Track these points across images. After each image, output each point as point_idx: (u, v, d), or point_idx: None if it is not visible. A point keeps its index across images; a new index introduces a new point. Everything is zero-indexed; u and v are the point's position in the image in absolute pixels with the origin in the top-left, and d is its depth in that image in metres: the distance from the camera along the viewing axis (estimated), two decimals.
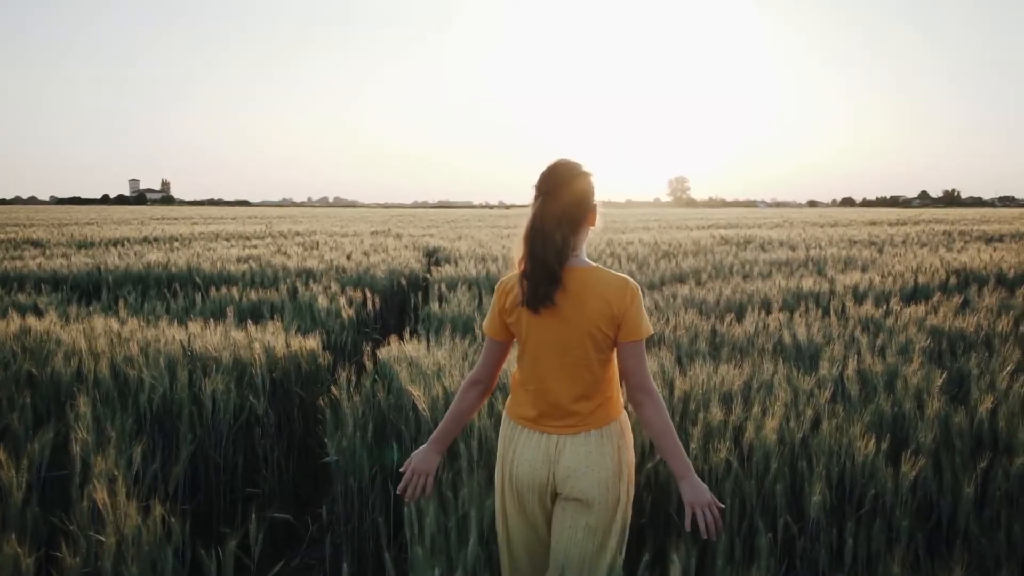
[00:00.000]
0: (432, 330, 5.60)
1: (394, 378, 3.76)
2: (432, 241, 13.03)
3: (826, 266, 8.19)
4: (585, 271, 2.14)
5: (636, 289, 2.15)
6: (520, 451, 2.21)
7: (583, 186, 2.13)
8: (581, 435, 2.16)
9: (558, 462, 2.15)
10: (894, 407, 3.21)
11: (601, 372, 2.17)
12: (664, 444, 2.16)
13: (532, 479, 2.19)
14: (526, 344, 2.20)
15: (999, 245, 10.94)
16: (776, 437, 2.81)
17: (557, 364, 2.15)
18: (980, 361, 3.75)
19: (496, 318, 2.28)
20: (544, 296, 2.08)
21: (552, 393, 2.16)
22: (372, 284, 7.58)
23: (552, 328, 2.13)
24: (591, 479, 2.13)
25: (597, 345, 2.13)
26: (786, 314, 5.16)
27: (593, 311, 2.10)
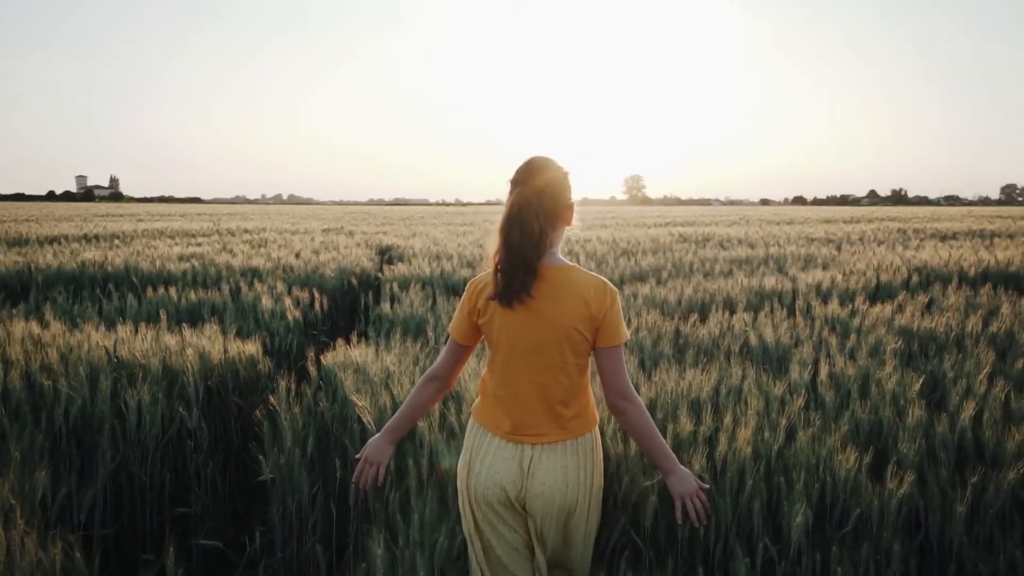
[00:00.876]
0: (382, 332, 5.31)
1: (339, 386, 3.48)
2: (385, 239, 12.69)
3: (786, 264, 8.07)
4: (563, 269, 2.07)
5: (615, 292, 2.08)
6: (490, 462, 2.10)
7: (560, 180, 2.07)
8: (559, 446, 2.07)
9: (532, 476, 2.06)
10: (871, 414, 3.02)
11: (578, 377, 2.09)
12: (651, 446, 2.13)
13: (503, 494, 2.08)
14: (498, 345, 2.09)
15: (954, 243, 10.98)
16: (751, 450, 2.59)
17: (531, 368, 2.06)
18: (954, 363, 3.59)
19: (464, 320, 2.18)
20: (520, 288, 1.99)
21: (525, 398, 2.07)
22: (321, 284, 7.26)
23: (527, 328, 2.03)
24: (565, 498, 2.07)
25: (575, 348, 2.04)
26: (751, 314, 4.98)
27: (572, 311, 2.02)
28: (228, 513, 3.71)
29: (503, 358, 2.10)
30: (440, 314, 5.48)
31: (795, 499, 2.36)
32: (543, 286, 2.03)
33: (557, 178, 2.07)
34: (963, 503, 2.26)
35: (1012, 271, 6.80)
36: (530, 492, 2.07)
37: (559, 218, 2.09)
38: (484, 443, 2.14)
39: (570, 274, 2.08)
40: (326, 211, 44.91)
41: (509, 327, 2.06)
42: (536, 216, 2.00)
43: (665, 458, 2.15)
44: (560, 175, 2.08)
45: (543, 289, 2.03)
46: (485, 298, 2.10)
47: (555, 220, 2.07)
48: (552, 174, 2.06)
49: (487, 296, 2.09)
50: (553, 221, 2.06)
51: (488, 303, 2.09)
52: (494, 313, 2.07)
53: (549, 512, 2.09)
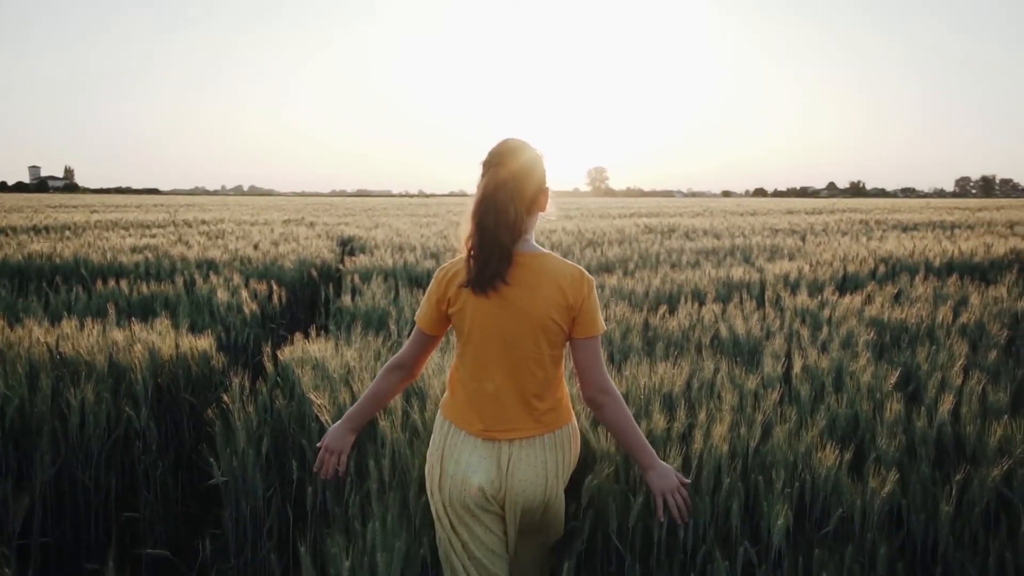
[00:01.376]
0: (343, 326, 5.14)
1: (296, 383, 3.32)
2: (347, 230, 12.45)
3: (753, 255, 8.03)
4: (538, 257, 1.99)
5: (592, 281, 2.02)
6: (466, 462, 2.02)
7: (535, 163, 2.00)
8: (536, 441, 2.01)
9: (512, 476, 1.99)
10: (847, 408, 2.94)
11: (552, 370, 2.02)
12: (629, 441, 2.07)
13: (480, 494, 2.01)
14: (470, 336, 2.00)
15: (916, 234, 11.05)
16: (728, 448, 2.49)
17: (504, 360, 1.98)
18: (928, 355, 3.53)
19: (433, 309, 2.08)
20: (493, 275, 1.91)
21: (498, 392, 1.99)
22: (280, 276, 7.05)
23: (501, 317, 1.95)
24: (549, 495, 2.04)
25: (550, 338, 1.97)
26: (720, 305, 4.89)
27: (547, 299, 1.94)
28: (180, 517, 3.53)
29: (475, 349, 2.01)
30: (403, 306, 5.32)
31: (775, 500, 2.26)
32: (517, 274, 1.95)
33: (532, 161, 1.99)
34: (948, 502, 2.18)
35: (976, 262, 6.82)
36: (511, 491, 2.00)
37: (534, 203, 2.01)
38: (457, 442, 2.04)
39: (545, 261, 2.00)
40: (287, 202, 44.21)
41: (481, 316, 1.97)
42: (511, 199, 1.92)
43: (644, 453, 2.08)
44: (535, 157, 2.00)
45: (517, 277, 1.95)
46: (456, 286, 2.01)
47: (530, 205, 2.00)
48: (527, 156, 1.98)
49: (459, 284, 2.00)
50: (528, 206, 1.99)
51: (459, 291, 2.00)
52: (466, 302, 1.99)
53: (529, 508, 2.05)
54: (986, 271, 6.64)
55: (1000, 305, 4.55)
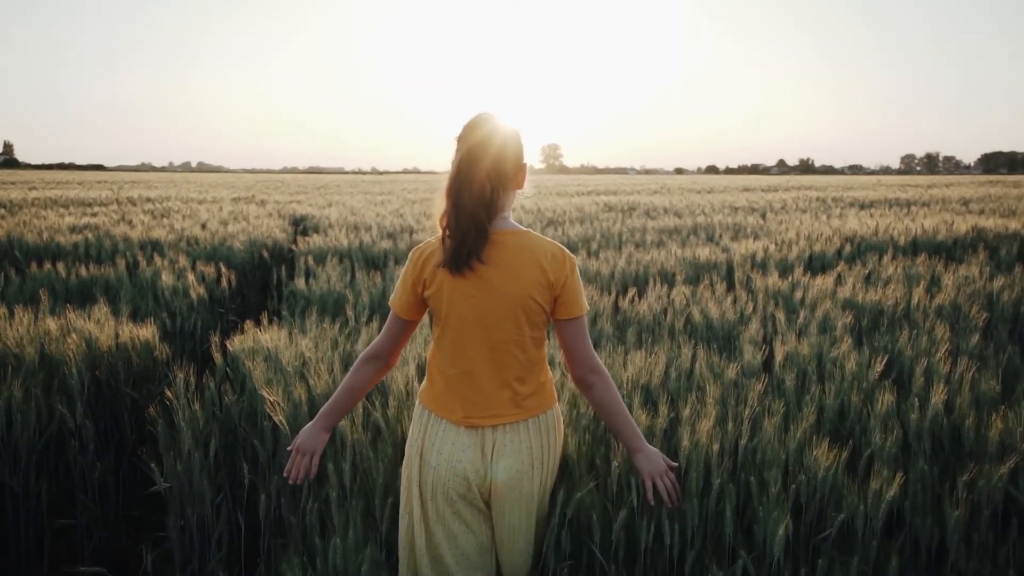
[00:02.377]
0: (297, 311, 4.88)
1: (247, 377, 3.07)
2: (300, 208, 12.07)
3: (716, 233, 7.92)
4: (517, 234, 1.92)
5: (574, 259, 1.96)
6: (449, 451, 1.94)
7: (512, 138, 1.92)
8: (520, 426, 1.94)
9: (496, 464, 1.92)
10: (834, 398, 2.80)
11: (535, 352, 1.96)
12: (618, 422, 2.02)
13: (467, 485, 1.93)
14: (448, 320, 1.92)
15: (874, 211, 11.07)
16: (717, 446, 2.32)
17: (484, 343, 1.91)
18: (909, 340, 3.42)
19: (408, 292, 1.99)
20: (470, 253, 1.84)
21: (478, 378, 1.92)
22: (229, 257, 6.72)
23: (479, 298, 1.88)
24: (536, 482, 1.97)
25: (531, 319, 1.91)
26: (690, 288, 4.74)
27: (528, 278, 1.88)
28: (121, 521, 3.27)
29: (453, 333, 1.93)
30: (360, 290, 5.07)
31: (771, 504, 2.10)
32: (495, 252, 1.88)
33: (509, 136, 1.91)
34: (958, 505, 2.03)
35: (940, 240, 6.79)
36: (496, 480, 1.93)
37: (511, 179, 1.93)
38: (438, 431, 1.96)
39: (525, 239, 1.92)
40: (237, 179, 43.15)
41: (459, 298, 1.89)
42: (487, 175, 1.86)
43: (633, 435, 2.04)
44: (512, 132, 1.92)
45: (495, 256, 1.88)
46: (432, 266, 1.92)
47: (506, 181, 1.92)
48: (503, 131, 1.90)
49: (435, 264, 1.91)
50: (504, 182, 1.91)
51: (436, 272, 1.91)
52: (442, 283, 1.90)
53: (517, 501, 1.97)
54: (951, 249, 6.61)
55: (973, 286, 4.47)
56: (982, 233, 7.07)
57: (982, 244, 6.56)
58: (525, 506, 1.99)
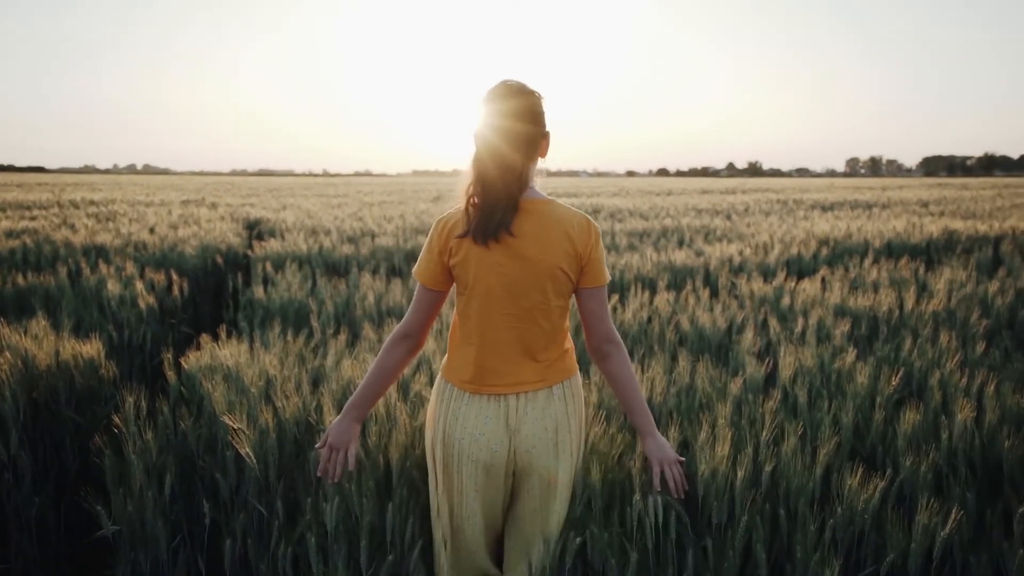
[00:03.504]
0: (256, 322, 4.55)
1: (205, 399, 2.76)
2: (253, 212, 11.63)
3: (687, 236, 7.74)
4: (545, 203, 1.90)
5: (599, 229, 1.96)
6: (472, 424, 1.92)
7: (537, 105, 1.89)
8: (542, 393, 1.93)
9: (518, 432, 1.91)
10: (852, 416, 2.59)
11: (559, 321, 1.95)
12: (632, 399, 2.02)
13: (492, 458, 1.91)
14: (473, 289, 1.90)
15: (838, 213, 11.05)
16: (742, 472, 2.09)
17: (511, 312, 1.90)
18: (914, 349, 3.24)
19: (435, 261, 1.95)
20: (499, 224, 1.82)
21: (504, 346, 1.91)
22: (180, 263, 6.33)
23: (508, 267, 1.86)
24: (560, 450, 1.94)
25: (558, 289, 1.90)
26: (672, 294, 4.53)
27: (556, 248, 1.86)
28: (64, 563, 2.92)
29: (480, 302, 1.91)
30: (323, 298, 4.77)
31: (808, 543, 1.87)
32: (524, 222, 1.86)
33: (534, 103, 1.88)
34: (1013, 539, 1.83)
35: (914, 243, 6.70)
36: (519, 448, 1.91)
37: (536, 148, 1.90)
38: (461, 405, 1.94)
39: (552, 208, 1.90)
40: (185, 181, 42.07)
41: (487, 267, 1.87)
42: (516, 146, 1.84)
43: (644, 416, 2.03)
44: (536, 99, 1.89)
45: (523, 225, 1.86)
46: (456, 237, 1.89)
47: (533, 151, 1.89)
48: (528, 99, 1.87)
49: (457, 235, 1.89)
50: (531, 152, 1.89)
51: (460, 242, 1.89)
52: (469, 252, 1.88)
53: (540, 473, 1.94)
54: (928, 252, 6.52)
55: (963, 290, 4.33)
56: (954, 235, 7.01)
57: (959, 247, 6.49)
58: (547, 481, 1.96)
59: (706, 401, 2.82)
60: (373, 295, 4.74)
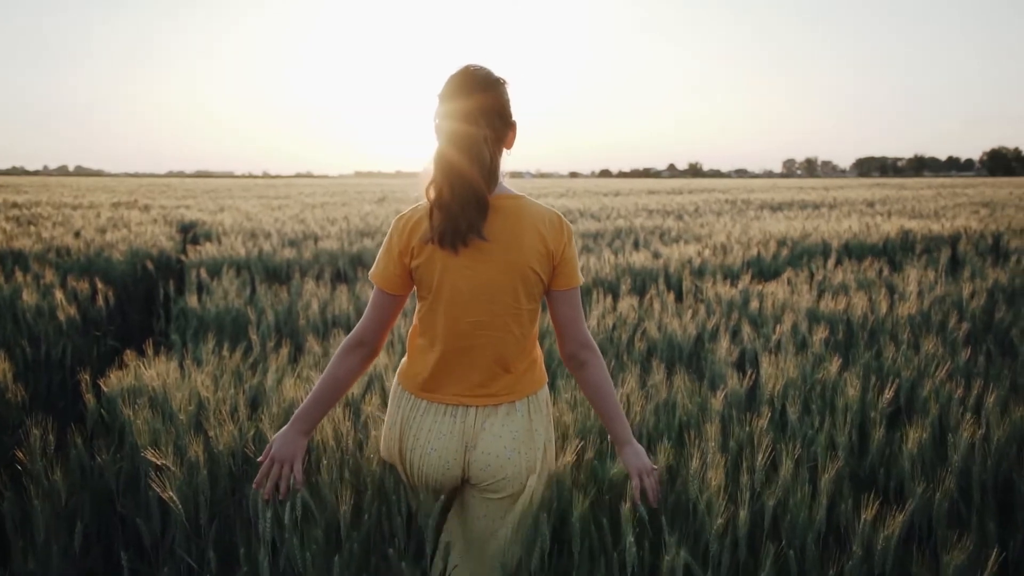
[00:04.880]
0: (189, 335, 4.19)
1: (127, 427, 2.44)
2: (189, 214, 11.10)
3: (642, 237, 7.56)
4: (514, 199, 1.79)
5: (571, 227, 1.85)
6: (426, 437, 1.80)
7: (505, 93, 1.76)
8: (503, 407, 1.81)
9: (474, 448, 1.79)
10: (847, 432, 2.38)
11: (529, 326, 1.84)
12: (608, 407, 1.91)
13: (443, 476, 1.81)
14: (438, 294, 1.78)
15: (789, 213, 11.02)
16: (744, 512, 1.85)
17: (479, 315, 1.78)
18: (898, 358, 3.06)
19: (394, 263, 1.81)
20: (468, 229, 1.70)
21: (472, 354, 1.79)
22: (107, 270, 5.89)
23: (476, 269, 1.74)
24: (517, 467, 1.80)
25: (529, 291, 1.79)
26: (636, 298, 4.30)
27: (528, 247, 1.75)
28: None
29: (445, 306, 1.78)
30: (263, 307, 4.42)
31: None
32: (491, 220, 1.73)
33: (501, 90, 1.75)
34: None
35: (872, 243, 6.61)
36: (473, 465, 1.80)
37: (503, 140, 1.77)
38: (417, 415, 1.82)
39: (522, 204, 1.79)
40: (119, 183, 40.59)
41: (453, 270, 1.74)
42: (484, 139, 1.70)
43: (622, 423, 1.92)
44: (502, 88, 1.75)
45: (491, 224, 1.73)
46: (421, 237, 1.75)
47: (500, 143, 1.77)
48: (495, 87, 1.74)
49: (423, 234, 1.74)
50: (499, 145, 1.76)
51: (425, 243, 1.75)
52: (432, 253, 1.74)
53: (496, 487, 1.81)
54: (887, 252, 6.43)
55: (934, 292, 4.19)
56: (909, 235, 6.95)
57: (917, 247, 6.42)
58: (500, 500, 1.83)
59: (687, 419, 2.60)
60: (317, 303, 4.41)
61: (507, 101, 1.76)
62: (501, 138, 1.76)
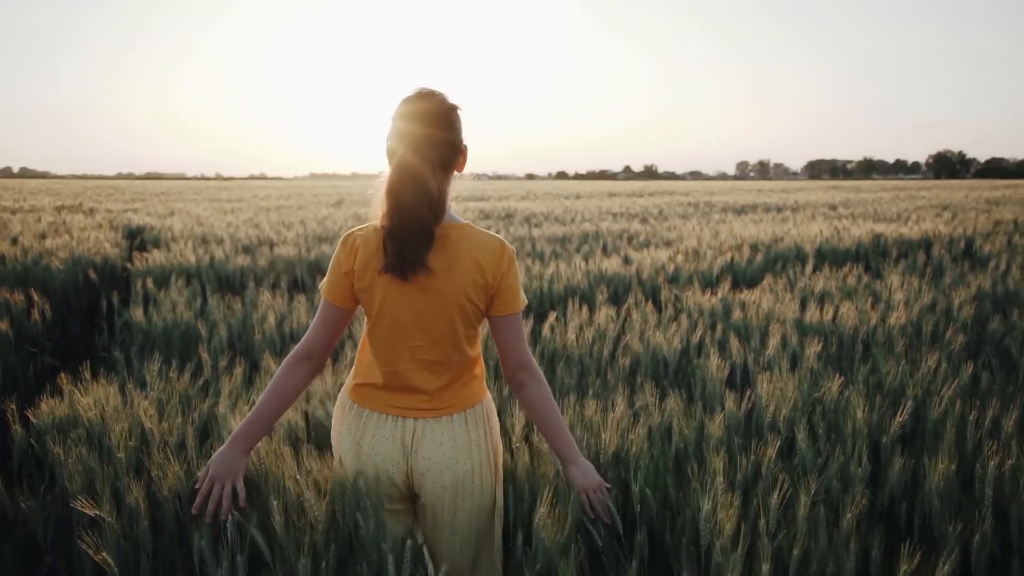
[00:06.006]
0: (134, 351, 3.87)
1: (56, 468, 2.15)
2: (136, 218, 10.63)
3: (609, 242, 7.36)
4: (457, 228, 1.81)
5: (512, 252, 1.87)
6: (368, 444, 1.83)
7: (455, 119, 1.78)
8: (443, 419, 1.84)
9: (415, 453, 1.82)
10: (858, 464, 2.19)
11: (469, 350, 1.87)
12: (550, 428, 1.94)
13: (389, 478, 1.83)
14: (380, 316, 1.81)
15: (753, 216, 10.94)
16: (768, 566, 1.63)
17: (417, 341, 1.81)
18: (899, 375, 2.89)
19: (341, 280, 1.83)
20: (413, 261, 1.71)
21: (410, 376, 1.82)
22: (46, 279, 5.52)
23: (413, 299, 1.77)
24: (456, 471, 1.83)
25: (466, 319, 1.82)
26: (613, 308, 4.09)
27: (464, 278, 1.77)
28: None
29: (385, 330, 1.81)
30: (214, 321, 4.12)
31: None
32: (435, 250, 1.74)
33: (451, 117, 1.76)
34: None
35: (846, 248, 6.50)
36: (415, 471, 1.82)
37: (453, 167, 1.79)
38: (359, 423, 1.85)
39: (464, 234, 1.80)
40: (64, 185, 39.38)
41: (393, 298, 1.77)
42: (433, 170, 1.71)
43: (567, 444, 1.95)
44: (454, 114, 1.77)
45: (435, 253, 1.74)
46: (363, 259, 1.77)
47: (449, 171, 1.78)
48: (445, 112, 1.75)
49: (365, 258, 1.77)
50: (448, 173, 1.78)
51: (368, 265, 1.77)
52: (373, 280, 1.77)
53: (439, 493, 1.83)
54: (861, 257, 6.33)
55: (921, 300, 4.05)
56: (880, 239, 6.86)
57: (894, 251, 6.32)
58: (448, 505, 1.84)
59: (683, 446, 2.38)
60: (274, 316, 4.12)
61: (459, 128, 1.77)
62: (450, 166, 1.76)
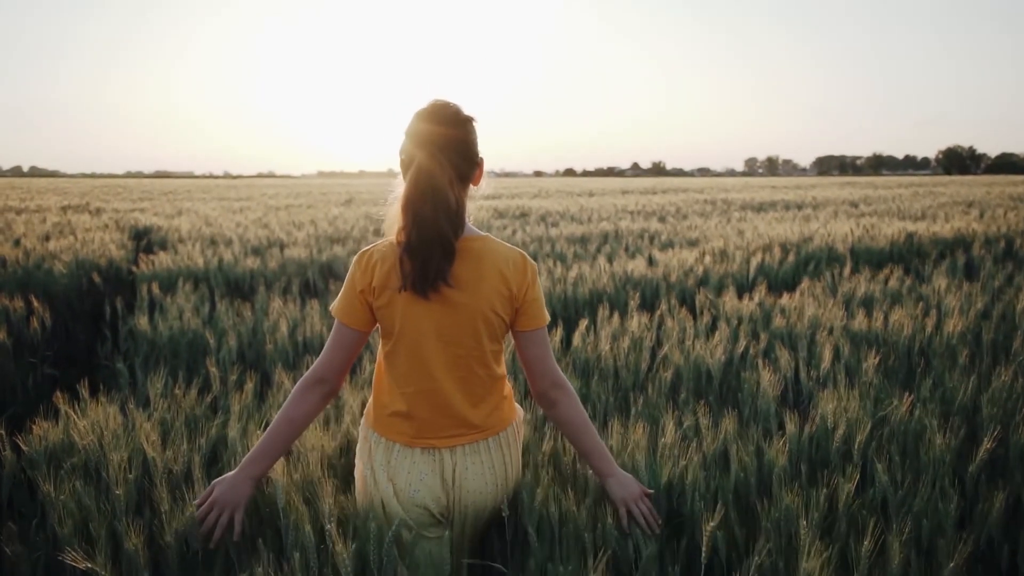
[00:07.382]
0: (138, 363, 3.64)
1: (48, 506, 1.93)
2: (143, 218, 10.41)
3: (630, 242, 7.10)
4: (478, 241, 1.77)
5: (535, 267, 1.83)
6: (405, 480, 1.75)
7: (471, 132, 1.76)
8: (480, 445, 1.81)
9: (459, 487, 1.78)
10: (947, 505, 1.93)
11: (495, 367, 1.82)
12: (586, 443, 1.90)
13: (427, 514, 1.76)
14: (402, 335, 1.75)
15: (775, 215, 10.66)
16: None
17: (443, 359, 1.76)
18: (967, 387, 2.63)
19: (356, 300, 1.77)
20: (436, 275, 1.68)
21: (438, 396, 1.76)
22: (48, 284, 5.30)
23: (437, 313, 1.73)
24: (497, 496, 1.83)
25: (492, 333, 1.78)
26: (647, 315, 3.84)
27: (489, 291, 1.74)
28: None
29: (408, 349, 1.76)
30: (223, 329, 3.88)
31: None
32: (457, 263, 1.72)
33: (467, 130, 1.74)
34: None
35: (880, 247, 6.23)
36: (460, 504, 1.80)
37: (470, 180, 1.78)
38: (391, 457, 1.78)
39: (486, 246, 1.78)
40: (72, 184, 39.24)
41: (414, 314, 1.73)
42: (450, 182, 1.68)
43: (602, 458, 1.91)
44: (469, 125, 1.75)
45: (457, 267, 1.71)
46: (382, 276, 1.72)
47: (467, 184, 1.77)
48: (461, 125, 1.73)
49: (384, 274, 1.72)
50: (466, 186, 1.77)
51: (387, 282, 1.72)
52: (393, 296, 1.73)
53: (479, 516, 1.85)
54: (896, 258, 6.06)
55: (976, 305, 3.79)
56: (914, 238, 6.59)
57: (933, 252, 6.06)
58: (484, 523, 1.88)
59: (743, 475, 2.13)
60: (286, 324, 3.88)
61: (474, 140, 1.75)
62: (467, 179, 1.75)
